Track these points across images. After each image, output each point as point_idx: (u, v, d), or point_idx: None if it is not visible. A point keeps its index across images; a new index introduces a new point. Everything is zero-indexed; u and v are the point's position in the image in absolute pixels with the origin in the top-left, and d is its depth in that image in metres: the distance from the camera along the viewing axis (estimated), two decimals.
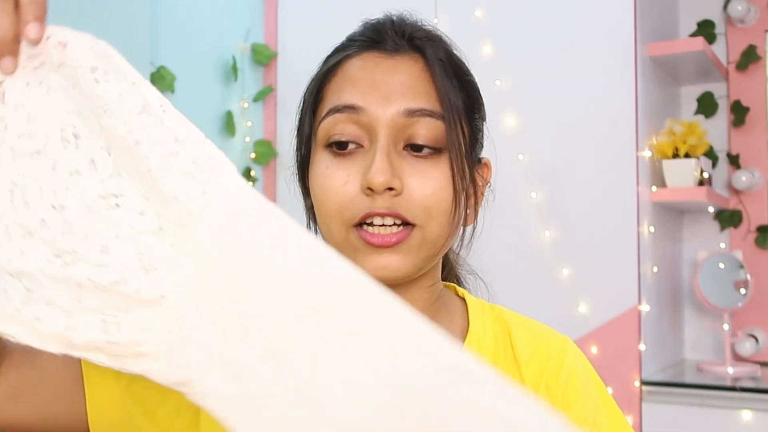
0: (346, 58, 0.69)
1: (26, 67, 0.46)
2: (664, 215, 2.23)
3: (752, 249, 2.36)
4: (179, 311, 0.43)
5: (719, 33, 2.44)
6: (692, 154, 2.12)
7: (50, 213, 0.44)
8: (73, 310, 0.44)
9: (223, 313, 0.42)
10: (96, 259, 0.43)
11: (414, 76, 0.67)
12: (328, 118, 0.67)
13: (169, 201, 0.44)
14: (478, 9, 2.23)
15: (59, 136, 0.45)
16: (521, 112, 2.16)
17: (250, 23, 2.55)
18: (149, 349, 0.43)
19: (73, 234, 0.44)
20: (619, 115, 2.04)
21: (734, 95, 2.41)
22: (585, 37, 2.10)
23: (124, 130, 0.44)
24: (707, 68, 2.30)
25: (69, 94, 0.46)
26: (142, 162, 0.44)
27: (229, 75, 2.46)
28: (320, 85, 0.70)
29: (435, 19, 2.26)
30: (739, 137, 2.40)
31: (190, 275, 0.43)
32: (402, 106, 0.65)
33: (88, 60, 0.46)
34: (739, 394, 1.89)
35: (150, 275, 0.43)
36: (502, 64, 2.18)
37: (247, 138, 2.52)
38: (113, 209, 0.44)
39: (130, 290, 0.43)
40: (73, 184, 0.45)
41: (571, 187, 2.09)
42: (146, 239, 0.44)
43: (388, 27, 0.70)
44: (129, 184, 0.44)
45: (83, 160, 0.45)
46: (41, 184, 0.45)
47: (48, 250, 0.44)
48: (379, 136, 0.65)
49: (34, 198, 0.44)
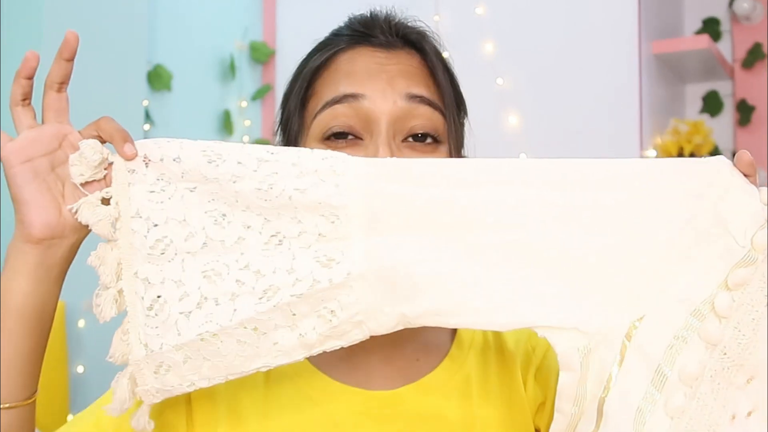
0: (337, 52, 0.69)
1: (155, 191, 0.58)
2: None
3: None
4: (365, 277, 0.55)
5: (725, 30, 2.44)
6: (697, 154, 2.12)
7: (241, 274, 0.57)
8: (293, 323, 0.56)
9: (393, 258, 0.54)
10: (289, 281, 0.55)
11: (413, 66, 0.68)
12: (325, 110, 0.66)
13: (317, 208, 0.55)
14: (479, 6, 2.22)
15: (212, 222, 0.57)
16: (523, 110, 2.15)
17: (248, 21, 2.55)
18: (362, 315, 0.55)
19: (264, 276, 0.56)
20: (622, 114, 2.04)
21: (740, 94, 2.40)
22: (588, 34, 2.09)
23: (256, 184, 0.56)
24: (712, 66, 2.29)
25: (199, 190, 0.57)
26: (281, 197, 0.55)
27: (226, 73, 2.46)
28: (310, 82, 0.69)
29: (436, 16, 2.26)
30: (745, 136, 2.40)
31: (357, 247, 0.55)
32: (403, 91, 0.65)
33: (200, 156, 0.57)
34: None
35: (331, 267, 0.55)
36: (504, 62, 2.18)
37: (246, 137, 2.52)
38: (280, 245, 0.56)
39: (324, 285, 0.55)
40: (244, 247, 0.57)
41: None
42: (315, 247, 0.56)
43: (378, 22, 0.70)
44: (278, 221, 0.56)
45: (238, 227, 0.57)
46: (224, 261, 0.57)
47: (252, 297, 0.56)
48: (380, 127, 0.65)
49: (224, 272, 0.57)
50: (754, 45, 2.37)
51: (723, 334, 0.49)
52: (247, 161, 0.56)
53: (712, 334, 0.49)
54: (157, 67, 2.18)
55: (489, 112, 2.16)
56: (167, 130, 2.24)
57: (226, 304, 0.57)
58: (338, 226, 0.55)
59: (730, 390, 0.50)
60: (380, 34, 0.69)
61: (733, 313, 0.49)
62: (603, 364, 0.51)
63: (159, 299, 0.57)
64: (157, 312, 0.57)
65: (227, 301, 0.57)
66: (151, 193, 0.57)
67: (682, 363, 0.49)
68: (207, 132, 2.40)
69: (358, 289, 0.55)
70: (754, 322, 0.49)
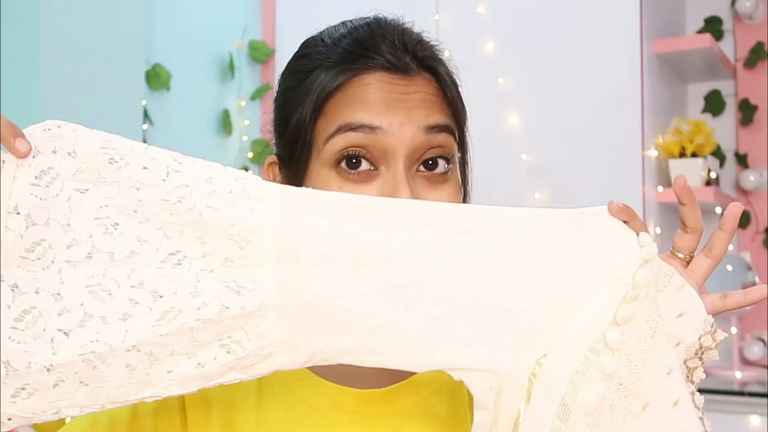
0: (354, 76, 0.67)
1: (39, 185, 0.52)
2: (670, 216, 2.22)
3: (760, 251, 2.35)
4: (279, 308, 0.52)
5: (727, 30, 2.44)
6: (699, 154, 2.12)
7: (134, 292, 0.52)
8: (193, 350, 0.52)
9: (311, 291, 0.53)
10: (194, 304, 0.52)
11: (430, 94, 0.68)
12: (338, 135, 0.65)
13: (227, 229, 0.52)
14: (480, 5, 2.23)
15: (101, 231, 0.52)
16: (524, 110, 2.16)
17: (247, 20, 2.56)
18: (273, 348, 0.53)
19: (162, 297, 0.52)
20: (624, 114, 2.04)
21: (742, 93, 2.41)
22: (589, 33, 2.10)
23: (163, 195, 0.52)
24: (714, 65, 2.30)
25: (91, 193, 0.52)
26: (189, 213, 0.52)
27: (225, 72, 2.46)
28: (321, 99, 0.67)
29: (436, 15, 2.26)
30: (747, 136, 2.40)
31: (270, 276, 0.52)
32: (422, 123, 0.65)
33: (99, 154, 0.52)
34: (747, 399, 1.88)
35: (242, 295, 0.52)
36: (505, 61, 2.18)
37: (245, 137, 2.53)
38: (179, 264, 0.52)
39: (234, 312, 0.52)
40: (135, 263, 0.52)
41: (575, 188, 2.08)
42: (220, 271, 0.52)
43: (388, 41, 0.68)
44: (179, 238, 0.52)
45: (131, 240, 0.52)
46: (112, 276, 0.52)
47: (148, 319, 0.52)
48: (398, 158, 0.64)
49: (113, 288, 0.52)
50: (756, 44, 2.37)
51: (617, 365, 0.54)
52: (155, 168, 0.52)
53: (607, 366, 0.53)
54: (156, 67, 2.18)
55: (490, 112, 2.17)
56: (166, 129, 2.25)
57: (116, 324, 0.52)
58: (248, 252, 0.52)
59: (629, 417, 0.55)
60: (393, 58, 0.67)
61: (624, 345, 0.54)
62: (512, 402, 0.54)
63: (32, 311, 0.51)
64: (28, 326, 0.51)
65: (117, 320, 0.52)
66: (34, 187, 0.51)
67: (583, 395, 0.53)
68: (205, 132, 2.41)
69: (270, 320, 0.52)
70: (643, 353, 0.54)
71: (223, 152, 2.46)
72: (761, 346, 2.24)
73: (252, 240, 0.52)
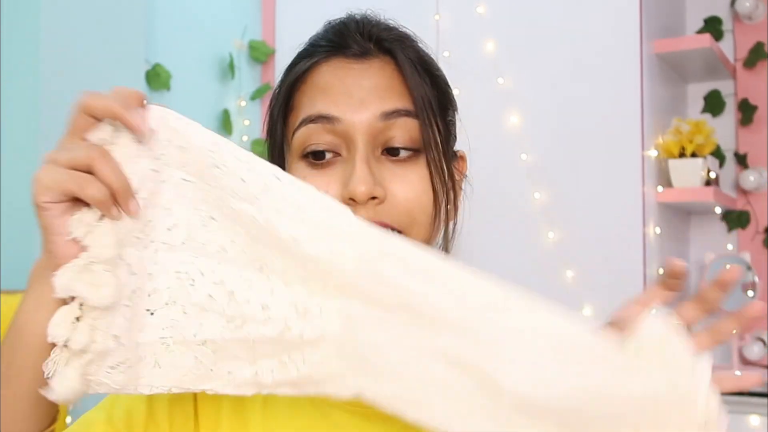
0: (314, 65, 0.69)
1: (156, 170, 0.53)
2: (670, 216, 2.22)
3: (760, 251, 2.35)
4: (338, 341, 0.53)
5: (726, 30, 2.44)
6: (699, 154, 2.12)
7: (213, 289, 0.53)
8: (254, 359, 0.54)
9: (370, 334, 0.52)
10: (260, 317, 0.53)
11: (386, 78, 0.68)
12: (301, 128, 0.67)
13: (309, 258, 0.52)
14: (480, 5, 2.23)
15: (198, 222, 0.54)
16: (524, 110, 2.16)
17: (247, 20, 2.56)
18: (325, 377, 0.53)
19: (237, 301, 0.53)
20: (624, 114, 2.04)
21: (742, 93, 2.41)
22: (589, 33, 2.10)
23: (254, 213, 0.53)
24: (714, 66, 2.30)
25: (195, 185, 0.54)
26: (274, 233, 0.53)
27: (226, 73, 2.47)
28: (290, 93, 0.70)
29: (436, 15, 2.26)
30: (747, 136, 2.40)
31: (338, 310, 0.53)
32: (378, 110, 0.66)
33: (207, 156, 0.53)
34: (746, 398, 1.88)
35: (306, 319, 0.53)
36: (505, 61, 2.18)
37: (245, 137, 2.53)
38: (260, 272, 0.53)
39: (294, 336, 0.53)
40: (222, 259, 0.54)
41: (576, 188, 2.09)
42: (295, 288, 0.53)
43: (353, 30, 0.70)
44: (267, 250, 0.53)
45: (225, 237, 0.54)
46: (198, 266, 0.54)
47: (221, 318, 0.53)
48: (357, 144, 0.65)
49: (197, 279, 0.54)
50: (756, 44, 2.37)
51: None
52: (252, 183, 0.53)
53: None
54: (156, 67, 2.19)
55: (490, 112, 2.17)
56: None
57: (193, 317, 0.54)
58: (323, 280, 0.53)
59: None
60: (354, 44, 0.69)
61: None
62: None
63: (137, 290, 0.53)
64: (134, 303, 0.53)
65: (196, 313, 0.54)
66: (152, 172, 0.53)
67: None
68: None
69: (327, 351, 0.53)
70: None
71: None
72: (761, 346, 2.25)
73: (330, 271, 0.53)
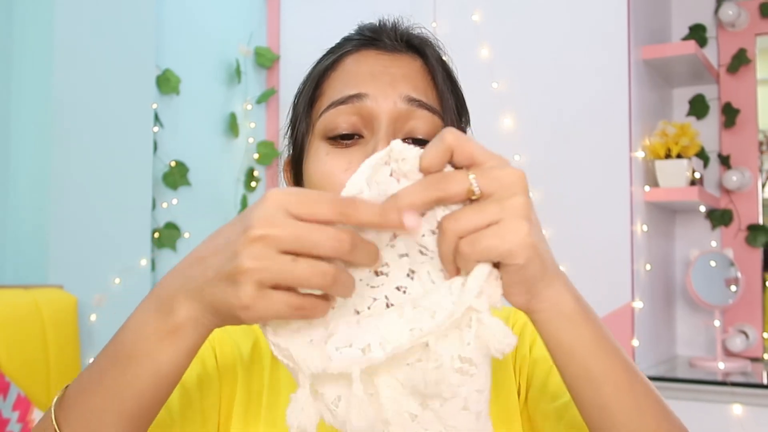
0: (344, 55, 0.71)
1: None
2: (657, 214, 2.24)
3: (743, 247, 2.37)
4: None
5: (710, 37, 2.45)
6: (684, 155, 2.13)
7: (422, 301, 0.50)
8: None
9: None
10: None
11: (415, 71, 0.69)
12: (329, 110, 0.67)
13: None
14: (475, 13, 2.24)
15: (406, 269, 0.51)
16: (518, 113, 2.16)
17: (253, 27, 2.56)
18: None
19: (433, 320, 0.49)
20: (613, 117, 2.05)
21: (725, 97, 2.41)
22: (580, 40, 2.11)
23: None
24: (699, 71, 2.30)
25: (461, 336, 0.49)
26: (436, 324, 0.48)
27: (232, 77, 2.46)
28: (318, 83, 0.71)
29: (433, 23, 2.27)
30: (730, 138, 2.41)
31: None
32: (404, 92, 0.66)
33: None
34: (730, 388, 1.90)
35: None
36: (499, 66, 2.19)
37: (251, 139, 2.52)
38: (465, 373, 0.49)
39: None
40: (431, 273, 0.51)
41: (566, 187, 2.09)
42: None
43: (386, 29, 0.72)
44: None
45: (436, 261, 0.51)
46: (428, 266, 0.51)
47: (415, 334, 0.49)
48: (381, 124, 0.65)
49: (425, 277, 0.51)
50: (738, 50, 2.38)
51: None
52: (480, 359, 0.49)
53: None
54: (166, 72, 2.19)
55: (485, 115, 2.16)
56: (175, 132, 2.25)
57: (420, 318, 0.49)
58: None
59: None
60: (386, 39, 0.70)
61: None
62: None
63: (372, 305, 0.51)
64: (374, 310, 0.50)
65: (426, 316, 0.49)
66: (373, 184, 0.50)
67: None
68: (213, 134, 2.40)
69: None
70: None
71: (230, 154, 2.46)
72: (743, 338, 2.26)
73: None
